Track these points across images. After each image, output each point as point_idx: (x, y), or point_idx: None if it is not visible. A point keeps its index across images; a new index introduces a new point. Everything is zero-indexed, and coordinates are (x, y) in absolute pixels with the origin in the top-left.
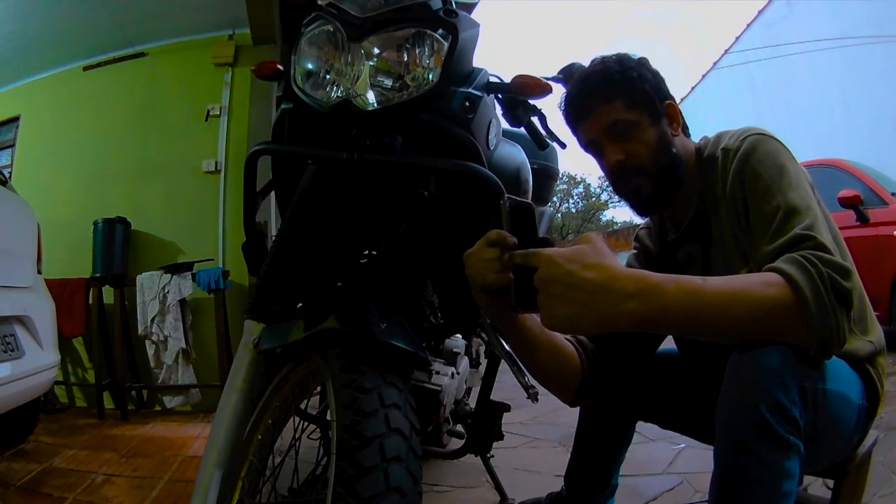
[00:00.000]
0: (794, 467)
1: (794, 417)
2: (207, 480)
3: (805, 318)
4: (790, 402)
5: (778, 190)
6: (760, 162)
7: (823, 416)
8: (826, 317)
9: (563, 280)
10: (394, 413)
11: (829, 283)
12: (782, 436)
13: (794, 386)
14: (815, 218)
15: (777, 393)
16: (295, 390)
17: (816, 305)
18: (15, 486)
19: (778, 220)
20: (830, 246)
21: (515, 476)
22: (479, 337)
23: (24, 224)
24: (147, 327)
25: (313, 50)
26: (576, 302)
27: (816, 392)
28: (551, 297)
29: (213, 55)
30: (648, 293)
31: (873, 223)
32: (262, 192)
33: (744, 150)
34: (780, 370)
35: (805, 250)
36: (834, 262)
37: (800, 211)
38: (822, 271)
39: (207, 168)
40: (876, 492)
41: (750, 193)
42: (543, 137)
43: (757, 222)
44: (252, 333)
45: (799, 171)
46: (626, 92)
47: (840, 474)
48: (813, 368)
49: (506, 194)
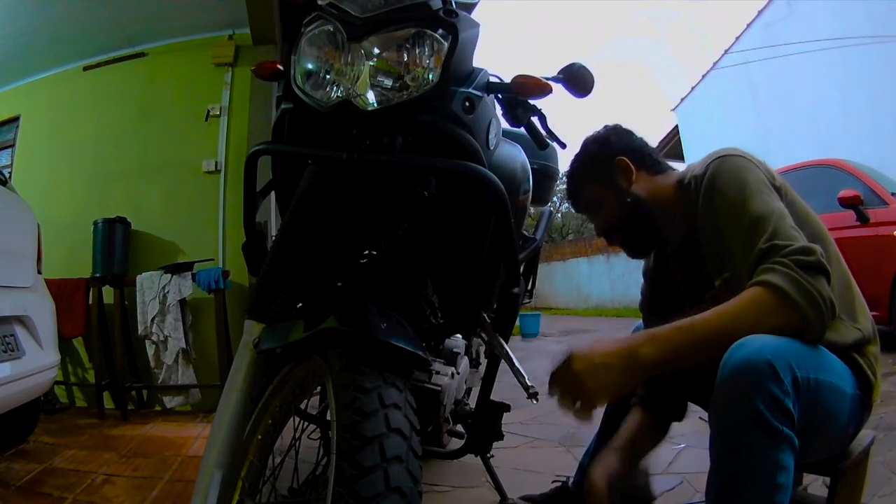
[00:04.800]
0: (787, 459)
1: (788, 408)
2: (207, 480)
3: (788, 302)
4: (783, 392)
5: (742, 205)
6: (724, 183)
7: (817, 408)
8: (804, 290)
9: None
10: (394, 413)
11: (796, 265)
12: (776, 427)
13: (786, 376)
14: (777, 219)
15: (770, 384)
16: (295, 390)
17: (792, 286)
18: (15, 486)
19: (747, 233)
20: (791, 237)
21: (515, 476)
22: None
23: (24, 224)
24: (147, 327)
25: (313, 50)
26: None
27: (810, 382)
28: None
29: (213, 55)
30: (655, 338)
31: (873, 223)
32: (262, 192)
33: (708, 175)
34: (771, 361)
35: (771, 258)
36: (794, 250)
37: (763, 217)
38: (786, 263)
39: (207, 168)
40: (876, 492)
41: (719, 213)
42: (543, 137)
43: (730, 237)
44: (252, 333)
45: (758, 179)
46: (594, 175)
47: (835, 471)
48: (806, 358)
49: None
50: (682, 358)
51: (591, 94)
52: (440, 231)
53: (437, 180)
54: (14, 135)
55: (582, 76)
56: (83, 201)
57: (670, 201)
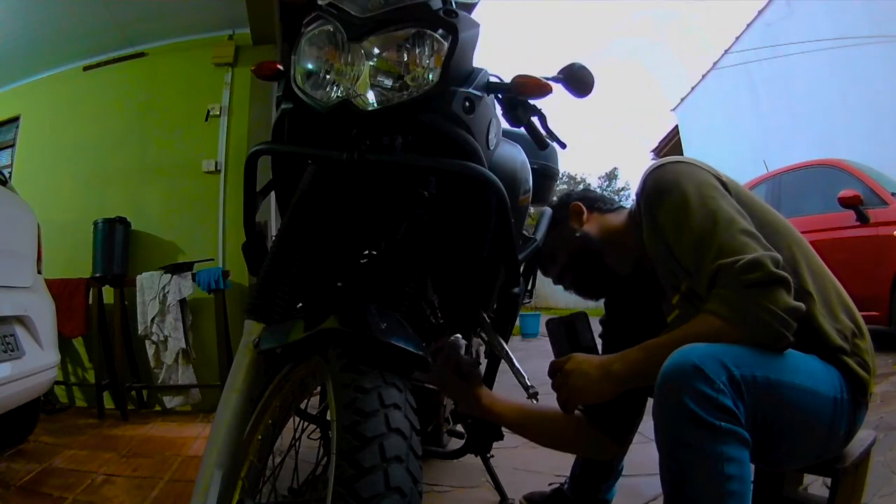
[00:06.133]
0: (734, 451)
1: (725, 405)
2: (207, 480)
3: (739, 328)
4: (716, 391)
5: (684, 220)
6: (663, 198)
7: (779, 406)
8: (753, 315)
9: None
10: (394, 413)
11: (745, 286)
12: (713, 423)
13: (718, 376)
14: (722, 230)
15: (697, 383)
16: (295, 390)
17: (739, 314)
18: (15, 486)
19: (694, 253)
20: (737, 248)
21: (515, 476)
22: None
23: (24, 224)
24: (147, 327)
25: (313, 50)
26: (584, 376)
27: (756, 380)
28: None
29: (213, 55)
30: (625, 357)
31: (873, 223)
32: (262, 192)
33: (646, 192)
34: (696, 363)
35: (719, 282)
36: (741, 267)
37: (706, 233)
38: (733, 286)
39: (207, 168)
40: (876, 491)
41: (666, 230)
42: (543, 137)
43: (681, 254)
44: (252, 333)
45: (699, 182)
46: (554, 227)
47: (836, 472)
48: (750, 358)
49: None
50: (644, 374)
51: (591, 94)
52: (440, 231)
53: (437, 180)
54: (14, 135)
55: (582, 76)
56: (83, 201)
57: (622, 232)
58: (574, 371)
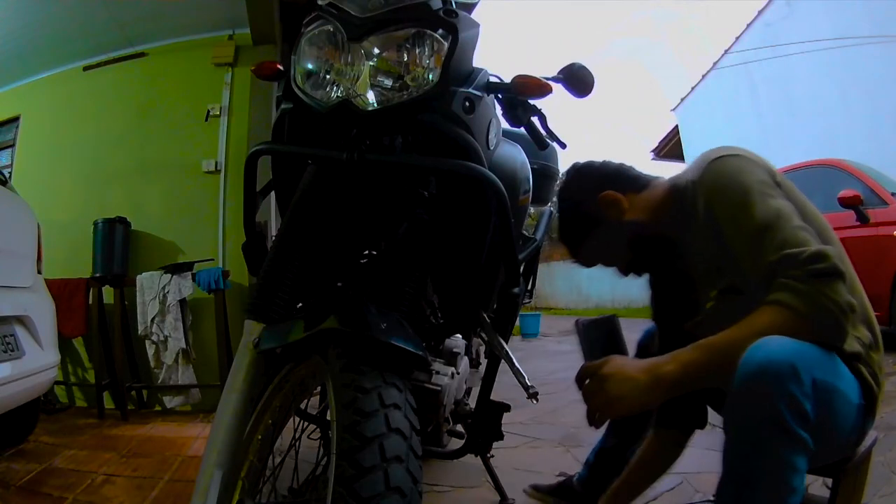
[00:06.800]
0: (801, 462)
1: (806, 412)
2: (207, 480)
3: (806, 321)
4: (803, 395)
5: (745, 214)
6: (724, 189)
7: (828, 413)
8: (821, 305)
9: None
10: (394, 413)
11: (811, 275)
12: (794, 430)
13: (807, 378)
14: (784, 223)
15: (792, 385)
16: (295, 390)
17: (807, 304)
18: (15, 486)
19: (754, 244)
20: (801, 240)
21: (515, 476)
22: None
23: (24, 224)
24: (147, 327)
25: (313, 50)
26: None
27: (827, 386)
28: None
29: (213, 55)
30: (678, 358)
31: (873, 223)
32: (262, 192)
33: (706, 181)
34: (794, 362)
35: (781, 272)
36: (807, 258)
37: (769, 225)
38: (800, 276)
39: (207, 168)
40: (876, 491)
41: (721, 222)
42: (543, 137)
43: (736, 248)
44: (252, 333)
45: (759, 179)
46: (586, 226)
47: (838, 473)
48: (823, 361)
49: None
50: (702, 376)
51: (591, 94)
52: (440, 231)
53: (437, 180)
54: (14, 135)
55: (582, 76)
56: (83, 201)
57: (667, 211)
58: (614, 376)
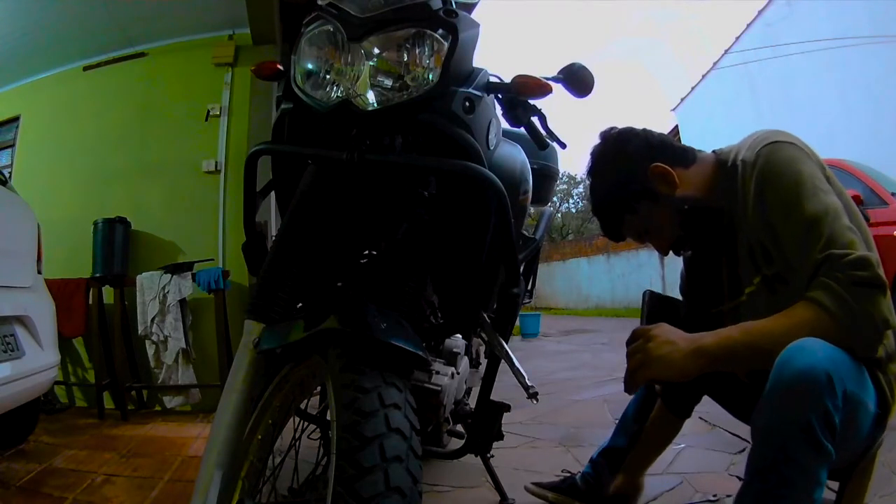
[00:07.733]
0: (825, 475)
1: (835, 424)
2: (207, 480)
3: (839, 326)
4: (835, 407)
5: (796, 204)
6: (777, 176)
7: (850, 424)
8: (856, 315)
9: (664, 335)
10: (394, 413)
11: (851, 282)
12: (822, 442)
13: (839, 390)
14: (832, 220)
15: (826, 398)
16: (295, 390)
17: (843, 311)
18: (15, 486)
19: (802, 236)
20: (847, 242)
21: (515, 476)
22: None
23: (24, 224)
24: (147, 327)
25: (313, 50)
26: (669, 344)
27: (855, 398)
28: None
29: (213, 55)
30: (719, 333)
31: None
32: (262, 192)
33: (759, 165)
34: (830, 373)
35: (826, 270)
36: (850, 262)
37: (818, 219)
38: (841, 280)
39: (207, 168)
40: (877, 492)
41: (772, 208)
42: (543, 137)
43: (784, 237)
44: (252, 333)
45: (812, 172)
46: (632, 197)
47: (845, 477)
48: (853, 372)
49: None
50: (736, 356)
51: (591, 94)
52: (440, 231)
53: (437, 180)
54: (14, 135)
55: (582, 76)
56: (83, 201)
57: (716, 188)
58: (658, 336)
